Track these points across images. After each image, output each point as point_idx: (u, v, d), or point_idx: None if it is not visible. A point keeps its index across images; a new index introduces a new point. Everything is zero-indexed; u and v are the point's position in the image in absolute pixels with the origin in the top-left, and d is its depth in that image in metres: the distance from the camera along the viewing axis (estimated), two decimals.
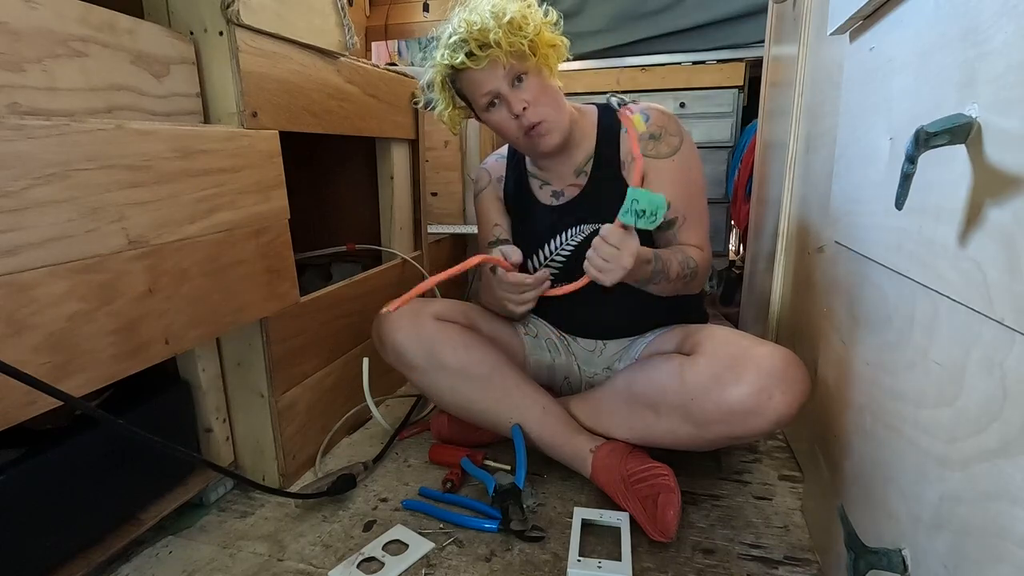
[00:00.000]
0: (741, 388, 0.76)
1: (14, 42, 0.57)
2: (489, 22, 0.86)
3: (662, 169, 0.95)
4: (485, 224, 1.12)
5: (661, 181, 0.94)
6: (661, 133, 0.95)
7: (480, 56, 0.87)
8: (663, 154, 0.95)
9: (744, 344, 0.81)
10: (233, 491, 0.95)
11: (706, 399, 0.79)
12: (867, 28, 0.64)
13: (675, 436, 0.85)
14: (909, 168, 0.41)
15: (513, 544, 0.81)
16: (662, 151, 0.95)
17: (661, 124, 0.96)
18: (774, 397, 0.75)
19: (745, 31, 2.00)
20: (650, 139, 0.95)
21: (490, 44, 0.86)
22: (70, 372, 0.58)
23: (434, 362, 0.95)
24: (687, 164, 0.96)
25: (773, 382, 0.75)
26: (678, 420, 0.83)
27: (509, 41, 0.86)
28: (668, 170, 0.95)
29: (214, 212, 0.75)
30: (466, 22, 0.87)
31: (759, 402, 0.75)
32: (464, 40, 0.87)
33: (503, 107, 0.92)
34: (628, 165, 0.97)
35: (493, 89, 0.90)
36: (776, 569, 0.76)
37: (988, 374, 0.38)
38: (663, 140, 0.95)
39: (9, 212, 0.52)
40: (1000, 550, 0.36)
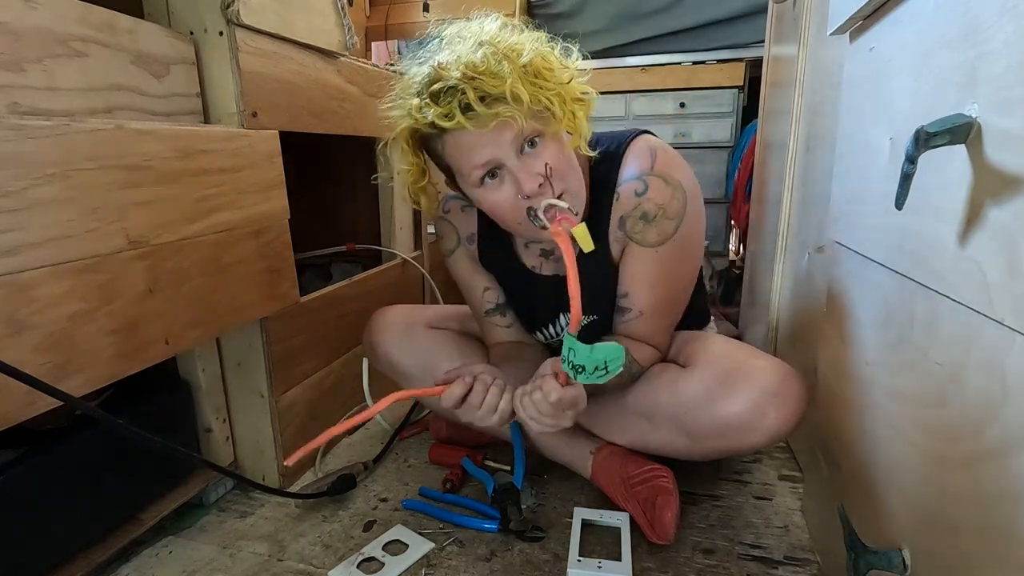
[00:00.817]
0: (735, 404, 0.74)
1: (14, 42, 0.57)
2: (500, 64, 0.62)
3: (638, 254, 0.78)
4: (473, 291, 0.94)
5: (632, 264, 0.80)
6: (657, 215, 0.75)
7: (483, 114, 0.63)
8: (649, 242, 0.77)
9: (739, 358, 0.78)
10: (233, 491, 0.95)
11: (700, 413, 0.77)
12: (867, 28, 0.64)
13: (672, 447, 0.84)
14: (909, 168, 0.41)
15: (513, 544, 0.81)
16: (649, 239, 0.77)
17: (661, 202, 0.75)
18: (768, 414, 0.72)
19: (745, 31, 2.00)
20: (640, 219, 0.76)
21: (503, 97, 0.62)
22: (70, 372, 0.58)
23: (428, 372, 0.93)
24: (672, 257, 0.78)
25: (767, 398, 0.73)
26: (673, 432, 0.82)
27: (531, 93, 0.63)
28: (647, 262, 0.78)
29: (214, 212, 0.75)
30: (463, 64, 0.63)
31: (753, 419, 0.73)
32: (457, 88, 0.63)
33: (506, 184, 0.70)
34: (612, 238, 0.80)
35: (493, 159, 0.68)
36: (776, 569, 0.76)
37: (988, 374, 0.38)
38: (655, 225, 0.76)
39: (9, 212, 0.52)
40: (1000, 550, 0.36)
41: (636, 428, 0.87)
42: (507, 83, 0.62)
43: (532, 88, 0.64)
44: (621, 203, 0.78)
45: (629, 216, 0.78)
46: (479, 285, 0.93)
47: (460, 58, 0.64)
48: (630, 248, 0.80)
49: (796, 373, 0.76)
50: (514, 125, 0.64)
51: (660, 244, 0.77)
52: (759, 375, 0.75)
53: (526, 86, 0.64)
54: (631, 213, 0.77)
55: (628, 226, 0.78)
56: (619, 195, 0.78)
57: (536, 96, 0.64)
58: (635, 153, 0.78)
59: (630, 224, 0.78)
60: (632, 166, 0.78)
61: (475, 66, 0.63)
